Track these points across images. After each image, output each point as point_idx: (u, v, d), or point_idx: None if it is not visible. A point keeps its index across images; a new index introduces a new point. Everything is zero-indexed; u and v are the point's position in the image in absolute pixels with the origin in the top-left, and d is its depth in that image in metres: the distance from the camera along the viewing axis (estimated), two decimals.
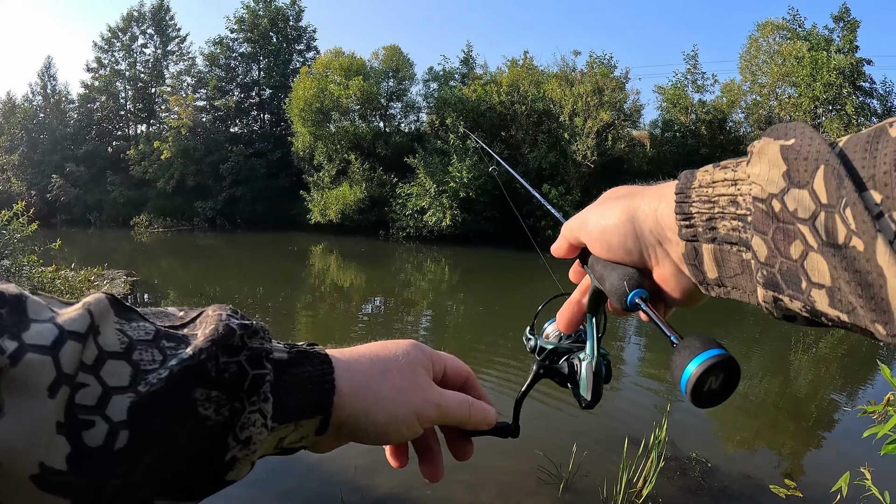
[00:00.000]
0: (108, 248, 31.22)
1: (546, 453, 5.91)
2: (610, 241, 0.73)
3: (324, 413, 0.65)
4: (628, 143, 35.71)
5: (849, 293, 0.48)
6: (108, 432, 0.49)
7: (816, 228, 0.50)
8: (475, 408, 0.78)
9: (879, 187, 0.45)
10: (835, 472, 3.79)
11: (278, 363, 0.63)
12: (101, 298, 0.55)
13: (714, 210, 0.61)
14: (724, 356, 0.58)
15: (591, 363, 0.84)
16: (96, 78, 56.99)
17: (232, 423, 0.57)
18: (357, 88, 38.70)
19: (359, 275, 22.71)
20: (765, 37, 39.76)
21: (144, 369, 0.53)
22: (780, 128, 0.56)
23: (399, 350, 0.75)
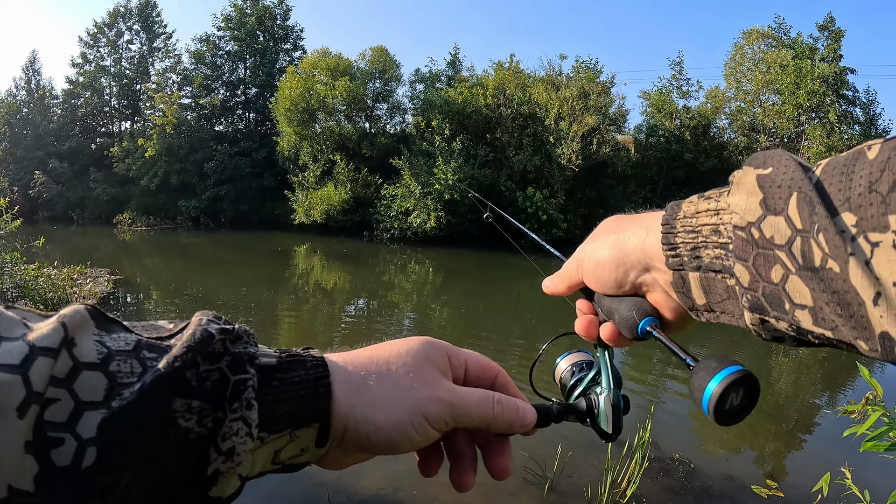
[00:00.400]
0: (90, 246, 31.01)
1: (531, 454, 5.96)
2: (603, 275, 0.77)
3: (321, 421, 0.61)
4: (613, 148, 35.93)
5: (830, 312, 0.50)
6: (77, 450, 0.47)
7: (793, 253, 0.52)
8: (502, 405, 0.70)
9: (854, 209, 0.47)
10: (815, 472, 3.84)
11: (265, 368, 0.59)
12: (78, 310, 0.53)
13: (698, 239, 0.63)
14: (742, 372, 0.59)
15: (608, 396, 0.85)
16: (81, 73, 56.48)
17: (216, 435, 0.54)
18: (343, 89, 38.64)
19: (343, 276, 22.65)
20: (750, 44, 40.12)
21: (121, 382, 0.51)
22: (759, 156, 0.59)
23: (406, 347, 0.69)
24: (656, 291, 0.74)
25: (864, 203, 0.47)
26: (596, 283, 0.79)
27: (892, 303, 0.45)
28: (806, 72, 34.68)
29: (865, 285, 0.46)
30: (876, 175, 0.46)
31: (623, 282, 0.75)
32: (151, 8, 57.36)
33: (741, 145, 38.54)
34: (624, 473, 5.56)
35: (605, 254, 0.76)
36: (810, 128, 35.36)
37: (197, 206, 46.07)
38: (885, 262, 0.45)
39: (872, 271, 0.46)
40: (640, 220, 0.75)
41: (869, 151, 0.48)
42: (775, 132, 37.91)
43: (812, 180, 0.52)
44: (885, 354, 0.47)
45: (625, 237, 0.74)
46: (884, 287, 0.45)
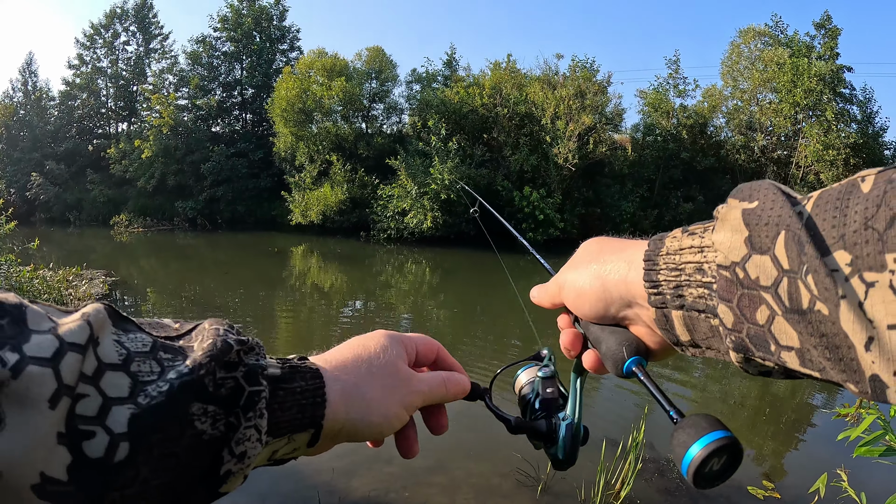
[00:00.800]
0: (87, 248, 31.00)
1: (524, 455, 5.92)
2: (584, 306, 0.77)
3: (315, 427, 0.66)
4: (610, 147, 35.96)
5: (818, 355, 0.49)
6: (109, 443, 0.49)
7: (779, 295, 0.51)
8: (451, 382, 0.82)
9: (849, 247, 0.45)
10: (813, 473, 3.81)
11: (272, 379, 0.64)
12: (99, 309, 0.55)
13: (681, 278, 0.62)
14: (728, 439, 0.57)
15: (571, 424, 0.84)
16: (78, 75, 56.54)
17: (227, 438, 0.57)
18: (339, 89, 38.67)
19: (339, 276, 22.63)
20: (746, 43, 40.18)
21: (143, 381, 0.54)
22: (745, 188, 0.57)
23: (378, 346, 0.77)
24: (639, 325, 0.73)
25: (859, 241, 0.45)
26: (577, 311, 0.79)
27: (885, 348, 0.43)
28: (803, 70, 34.71)
29: (857, 330, 0.45)
30: (872, 210, 0.45)
31: (604, 315, 0.75)
32: (148, 9, 57.38)
33: (738, 144, 38.57)
34: (618, 475, 5.53)
35: (586, 284, 0.76)
36: (807, 126, 35.39)
37: (194, 208, 46.10)
38: (880, 304, 0.43)
39: (865, 314, 0.44)
40: (623, 250, 0.73)
41: (863, 184, 0.47)
42: (772, 130, 37.95)
43: (802, 216, 0.50)
44: (875, 396, 0.46)
45: (606, 269, 0.73)
46: (877, 330, 0.43)
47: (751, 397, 9.19)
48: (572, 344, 0.83)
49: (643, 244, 0.69)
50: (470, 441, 6.42)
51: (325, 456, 3.88)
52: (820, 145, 34.01)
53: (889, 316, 0.42)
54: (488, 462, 6.02)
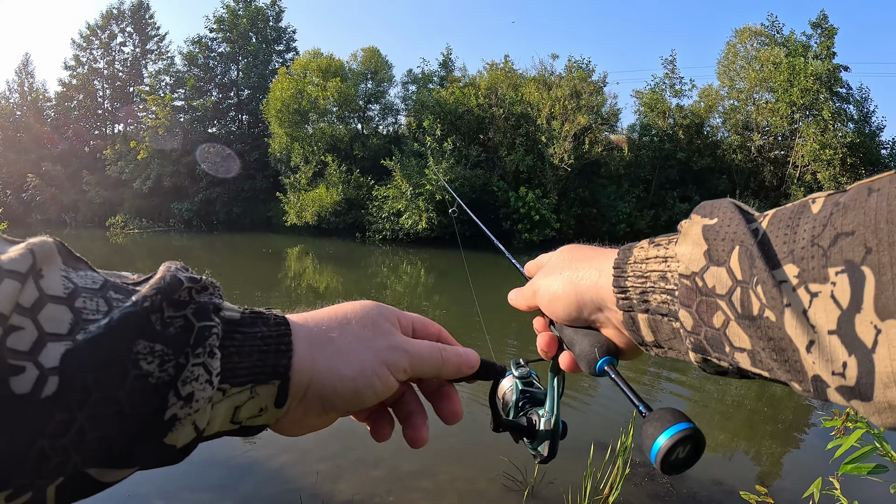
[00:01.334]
0: (83, 249, 30.00)
1: (511, 459, 5.84)
2: (557, 309, 0.81)
3: (281, 377, 0.61)
4: (605, 147, 36.05)
5: (766, 357, 0.54)
6: (38, 378, 0.45)
7: (733, 303, 0.56)
8: (448, 352, 0.75)
9: (797, 261, 0.51)
10: (807, 478, 3.75)
11: (229, 321, 0.59)
12: (46, 241, 0.52)
13: (646, 284, 0.67)
14: (691, 430, 0.62)
15: (549, 420, 0.88)
16: (74, 76, 56.63)
17: (175, 379, 0.52)
18: (335, 90, 38.75)
19: (334, 277, 22.61)
20: (743, 42, 40.24)
21: (86, 318, 0.50)
22: (706, 206, 0.63)
23: (358, 305, 0.72)
24: (608, 327, 0.78)
25: (806, 256, 0.50)
26: (551, 314, 0.84)
27: (824, 350, 0.48)
28: (799, 69, 34.77)
29: (800, 334, 0.50)
30: (818, 229, 0.50)
31: (577, 317, 0.80)
32: (144, 10, 57.46)
33: (735, 144, 38.60)
34: (606, 479, 5.47)
35: (559, 289, 0.80)
36: (804, 125, 35.44)
37: (189, 209, 46.30)
38: (822, 312, 0.48)
39: (808, 320, 0.49)
40: (594, 258, 0.78)
41: (813, 205, 0.52)
42: (769, 130, 38.03)
43: (757, 234, 0.55)
44: (816, 395, 0.52)
45: (579, 276, 0.78)
46: (818, 335, 0.48)
47: (748, 398, 9.13)
48: (548, 346, 0.88)
49: (613, 253, 0.75)
50: (456, 445, 6.36)
51: (310, 458, 3.81)
52: (817, 145, 34.05)
53: (829, 323, 0.47)
54: (474, 466, 5.97)
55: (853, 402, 0.48)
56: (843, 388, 0.48)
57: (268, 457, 5.91)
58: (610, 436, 6.07)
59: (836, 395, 0.49)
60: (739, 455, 7.00)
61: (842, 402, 0.49)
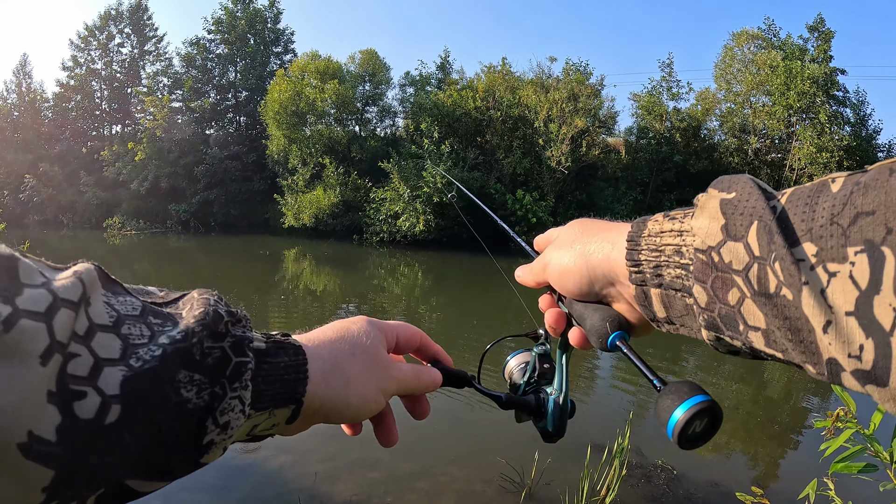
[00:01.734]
0: (80, 250, 30.95)
1: (508, 461, 5.93)
2: (568, 283, 0.81)
3: (296, 403, 0.66)
4: (603, 150, 36.13)
5: (781, 336, 0.53)
6: (101, 405, 0.48)
7: (749, 279, 0.55)
8: (423, 375, 0.83)
9: (815, 240, 0.50)
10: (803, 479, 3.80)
11: (257, 352, 0.64)
12: (90, 268, 0.54)
13: (660, 258, 0.67)
14: (708, 402, 0.62)
15: (558, 398, 0.89)
16: (72, 77, 56.41)
17: (212, 408, 0.57)
18: (333, 92, 38.71)
19: (332, 279, 22.62)
20: (740, 46, 40.25)
21: (133, 343, 0.53)
22: (724, 180, 0.62)
23: (360, 331, 0.78)
24: (620, 302, 0.77)
25: (825, 234, 0.49)
26: (561, 289, 0.83)
27: (841, 331, 0.47)
28: (796, 73, 34.78)
29: (816, 314, 0.49)
30: (838, 208, 0.49)
31: (588, 291, 0.79)
32: (143, 11, 57.30)
33: (731, 147, 38.62)
34: (603, 480, 5.52)
35: (570, 263, 0.80)
36: (801, 128, 35.44)
37: (187, 210, 46.17)
38: (840, 292, 0.47)
39: (826, 300, 0.48)
40: (606, 231, 0.77)
41: (833, 184, 0.51)
42: (766, 133, 38.00)
43: (776, 210, 0.54)
44: (830, 378, 0.50)
45: (591, 249, 0.77)
46: (836, 315, 0.47)
47: (745, 401, 9.19)
48: (557, 322, 0.88)
49: (626, 226, 0.73)
50: (454, 446, 6.41)
51: (308, 460, 3.86)
52: (813, 148, 34.05)
53: (847, 303, 0.46)
54: (472, 467, 6.03)
55: (868, 386, 0.47)
56: (859, 371, 0.47)
57: (266, 458, 5.96)
58: (607, 437, 6.13)
59: (850, 380, 0.48)
60: (735, 457, 7.05)
61: (857, 387, 0.48)
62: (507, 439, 6.59)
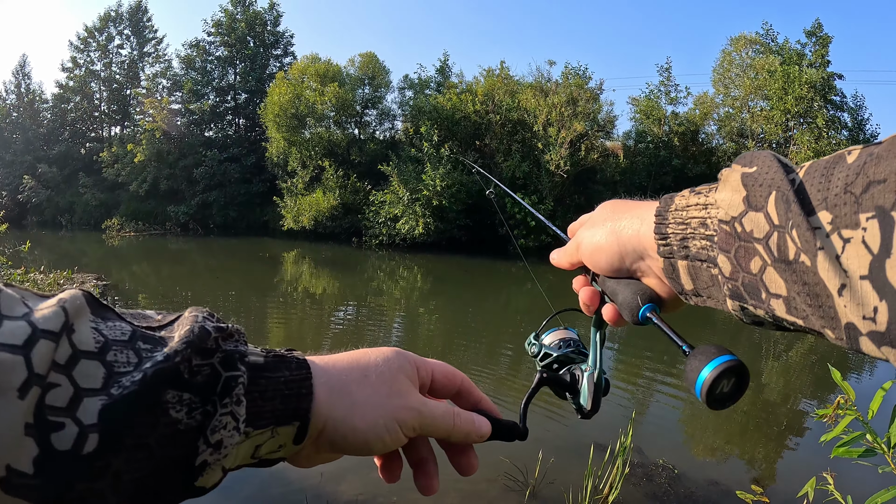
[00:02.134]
0: (78, 251, 30.98)
1: (512, 460, 5.95)
2: (600, 259, 0.83)
3: (301, 419, 0.63)
4: (601, 154, 36.00)
5: (801, 302, 0.55)
6: (78, 435, 0.47)
7: (770, 247, 0.56)
8: (461, 418, 0.75)
9: (830, 208, 0.51)
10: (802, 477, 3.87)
11: (253, 367, 0.61)
12: (76, 295, 0.54)
13: (687, 231, 0.68)
14: (735, 361, 0.63)
15: (592, 374, 0.90)
16: (71, 78, 56.54)
17: (204, 427, 0.55)
18: (332, 95, 38.66)
19: (331, 282, 22.61)
20: (738, 51, 40.28)
21: (118, 371, 0.52)
22: (747, 156, 0.63)
23: (380, 356, 0.73)
24: (650, 277, 0.79)
25: (839, 202, 0.50)
26: (594, 266, 0.85)
27: (856, 294, 0.49)
28: (794, 77, 34.84)
29: (832, 277, 0.50)
30: (852, 178, 0.50)
31: (619, 267, 0.81)
32: (142, 13, 57.39)
33: (729, 151, 38.60)
34: (605, 479, 5.57)
35: (602, 240, 0.82)
36: (798, 133, 35.52)
37: (186, 212, 46.10)
38: (854, 257, 0.48)
39: (841, 265, 0.49)
40: (636, 208, 0.80)
41: (849, 156, 0.52)
42: (764, 137, 38.01)
43: (795, 182, 0.56)
44: (850, 343, 0.52)
45: (621, 225, 0.80)
46: (850, 279, 0.49)
47: (743, 401, 9.21)
48: (591, 300, 0.89)
49: (654, 204, 0.76)
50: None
51: None
52: (811, 152, 34.07)
53: (861, 268, 0.48)
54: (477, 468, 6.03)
55: (884, 348, 0.48)
56: (874, 333, 0.48)
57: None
58: (609, 436, 6.19)
59: (868, 344, 0.49)
60: (735, 457, 7.12)
61: (874, 351, 0.49)
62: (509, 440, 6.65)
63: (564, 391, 0.93)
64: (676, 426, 7.98)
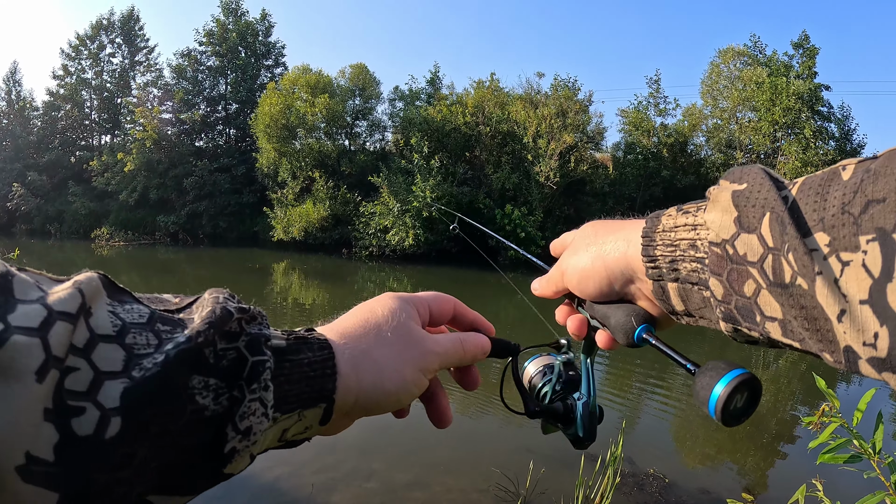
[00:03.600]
0: (67, 261, 30.79)
1: (503, 470, 5.99)
2: (587, 286, 0.81)
3: (326, 401, 0.63)
4: (591, 165, 36.09)
5: (798, 326, 0.53)
6: (100, 419, 0.46)
7: (765, 270, 0.55)
8: (468, 343, 0.79)
9: (827, 229, 0.50)
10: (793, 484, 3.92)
11: (277, 350, 0.61)
12: (92, 277, 0.53)
13: (676, 253, 0.67)
14: (747, 375, 0.61)
15: (587, 402, 0.88)
16: (62, 86, 56.37)
17: (231, 413, 0.54)
18: (323, 106, 38.61)
19: (321, 293, 22.50)
20: (726, 63, 40.51)
21: (138, 353, 0.51)
22: (735, 171, 0.62)
23: (386, 309, 0.74)
24: (641, 299, 0.78)
25: (837, 224, 0.49)
26: (582, 293, 0.83)
27: (856, 319, 0.47)
28: (781, 89, 35.02)
29: (831, 303, 0.49)
30: (849, 197, 0.49)
31: (608, 292, 0.79)
32: (134, 21, 57.23)
33: (718, 162, 38.76)
34: (597, 489, 5.58)
35: (588, 265, 0.80)
36: (786, 144, 35.66)
37: (175, 222, 45.97)
38: (853, 281, 0.47)
39: (840, 289, 0.48)
40: (620, 229, 0.78)
41: (843, 172, 0.51)
42: (752, 148, 38.17)
43: (787, 200, 0.55)
44: (848, 366, 0.50)
45: (606, 249, 0.78)
46: (850, 304, 0.47)
47: None
48: (580, 328, 0.88)
49: (639, 223, 0.74)
50: (449, 456, 6.46)
51: (305, 471, 4.01)
52: (799, 162, 34.23)
53: (861, 292, 0.46)
54: (467, 477, 6.06)
55: (885, 374, 0.47)
56: (875, 359, 0.47)
57: (262, 469, 5.94)
58: (600, 446, 6.18)
59: (867, 368, 0.48)
60: (726, 466, 7.14)
61: (874, 375, 0.48)
62: (502, 449, 6.67)
63: (557, 422, 0.91)
64: (667, 435, 8.01)
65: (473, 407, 8.28)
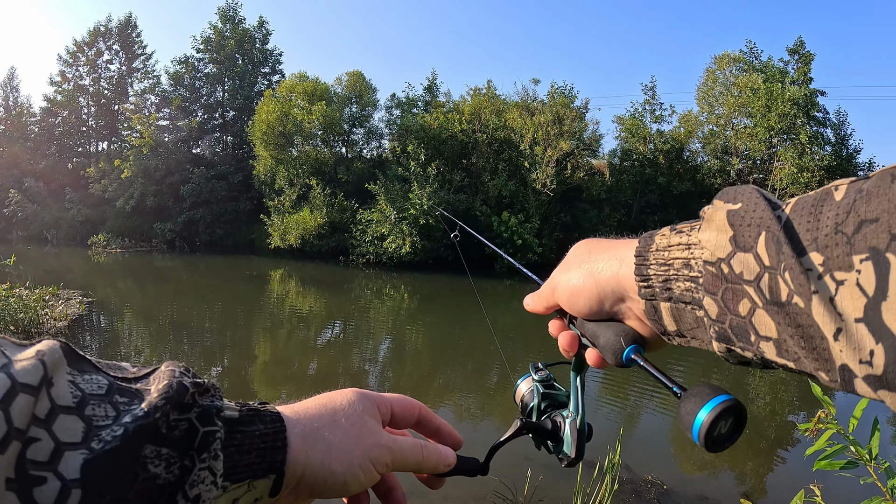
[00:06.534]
0: (64, 267, 30.77)
1: (501, 478, 5.97)
2: (578, 303, 0.80)
3: (276, 472, 0.64)
4: (587, 172, 36.28)
5: (793, 345, 0.53)
6: (61, 490, 0.47)
7: (761, 289, 0.55)
8: (428, 450, 0.79)
9: (821, 249, 0.50)
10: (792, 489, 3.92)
11: (229, 421, 0.62)
12: (55, 347, 0.54)
13: (669, 272, 0.67)
14: (732, 401, 0.61)
15: (574, 420, 0.88)
16: (59, 92, 56.44)
17: (182, 482, 0.55)
18: (320, 113, 38.70)
19: (318, 301, 22.43)
20: (722, 69, 40.72)
21: (97, 425, 0.51)
22: (730, 191, 0.62)
23: (345, 399, 0.75)
24: (632, 319, 0.77)
25: (830, 244, 0.49)
26: (572, 309, 0.82)
27: (851, 338, 0.48)
28: (777, 95, 35.21)
29: (827, 321, 0.49)
30: (842, 217, 0.49)
31: (598, 310, 0.78)
32: (132, 28, 57.31)
33: (714, 168, 38.98)
34: (595, 496, 5.54)
35: (579, 282, 0.79)
36: (782, 149, 35.83)
37: (172, 229, 45.91)
38: (848, 300, 0.47)
39: (835, 308, 0.48)
40: (613, 248, 0.78)
41: (836, 192, 0.51)
42: (748, 154, 38.35)
43: (781, 220, 0.55)
44: (844, 385, 0.50)
45: (598, 267, 0.77)
46: (845, 323, 0.48)
47: None
48: (570, 345, 0.86)
49: (632, 243, 0.74)
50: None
51: None
52: (794, 168, 34.40)
53: (856, 310, 0.47)
54: (465, 486, 6.00)
55: (880, 392, 0.47)
56: (871, 377, 0.47)
57: None
58: (597, 453, 6.16)
59: (863, 386, 0.49)
60: (724, 472, 7.13)
61: (870, 394, 0.49)
62: (500, 457, 6.59)
63: (546, 440, 0.91)
64: (665, 442, 8.01)
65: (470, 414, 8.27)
